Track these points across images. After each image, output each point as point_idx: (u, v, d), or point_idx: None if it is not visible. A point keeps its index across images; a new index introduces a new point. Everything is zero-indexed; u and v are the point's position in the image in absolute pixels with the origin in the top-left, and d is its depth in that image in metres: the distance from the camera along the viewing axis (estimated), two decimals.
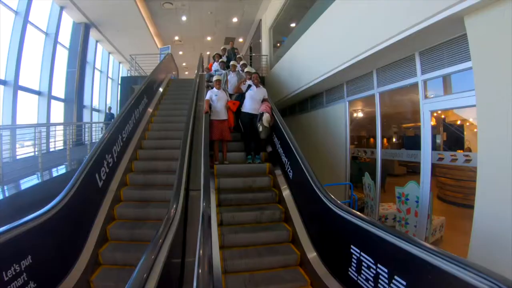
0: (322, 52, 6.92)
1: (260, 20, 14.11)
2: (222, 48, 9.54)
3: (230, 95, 6.38)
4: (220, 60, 8.34)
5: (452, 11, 3.35)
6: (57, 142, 7.45)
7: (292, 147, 4.47)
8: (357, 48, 5.31)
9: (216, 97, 5.70)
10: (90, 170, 3.67)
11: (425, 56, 4.57)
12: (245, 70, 6.49)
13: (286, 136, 4.77)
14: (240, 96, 6.25)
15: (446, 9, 3.40)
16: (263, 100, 5.87)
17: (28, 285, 2.33)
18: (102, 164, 4.12)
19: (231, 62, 7.13)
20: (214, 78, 5.93)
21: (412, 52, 4.75)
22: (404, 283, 2.09)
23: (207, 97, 5.79)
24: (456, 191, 5.26)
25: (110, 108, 13.20)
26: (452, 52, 4.07)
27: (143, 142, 6.12)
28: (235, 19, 14.48)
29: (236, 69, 7.05)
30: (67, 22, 11.74)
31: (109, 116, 12.40)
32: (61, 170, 6.16)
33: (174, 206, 2.94)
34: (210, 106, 5.71)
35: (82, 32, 12.01)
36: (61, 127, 8.05)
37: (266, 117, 5.38)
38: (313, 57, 7.60)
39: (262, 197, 4.69)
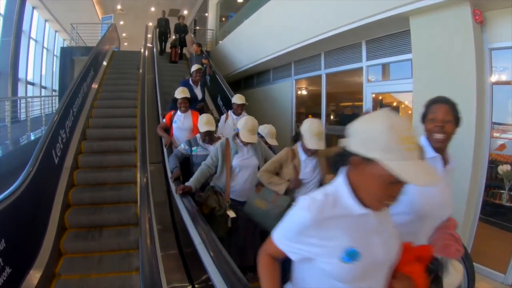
0: (274, 32, 7.08)
1: None
2: (195, 69, 5.01)
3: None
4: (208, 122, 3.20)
5: (400, 11, 3.84)
6: None
7: None
8: (309, 32, 5.65)
9: None
10: (49, 145, 3.65)
11: (371, 44, 5.11)
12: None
13: None
14: None
15: (395, 8, 3.86)
16: None
17: (5, 271, 2.20)
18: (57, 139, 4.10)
19: (243, 127, 2.83)
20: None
21: (359, 40, 5.25)
22: None
23: None
24: None
25: None
26: (395, 44, 4.64)
27: (93, 111, 6.15)
28: None
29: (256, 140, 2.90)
30: None
31: None
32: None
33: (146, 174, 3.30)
34: None
35: None
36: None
37: None
38: (263, 36, 7.71)
39: None
